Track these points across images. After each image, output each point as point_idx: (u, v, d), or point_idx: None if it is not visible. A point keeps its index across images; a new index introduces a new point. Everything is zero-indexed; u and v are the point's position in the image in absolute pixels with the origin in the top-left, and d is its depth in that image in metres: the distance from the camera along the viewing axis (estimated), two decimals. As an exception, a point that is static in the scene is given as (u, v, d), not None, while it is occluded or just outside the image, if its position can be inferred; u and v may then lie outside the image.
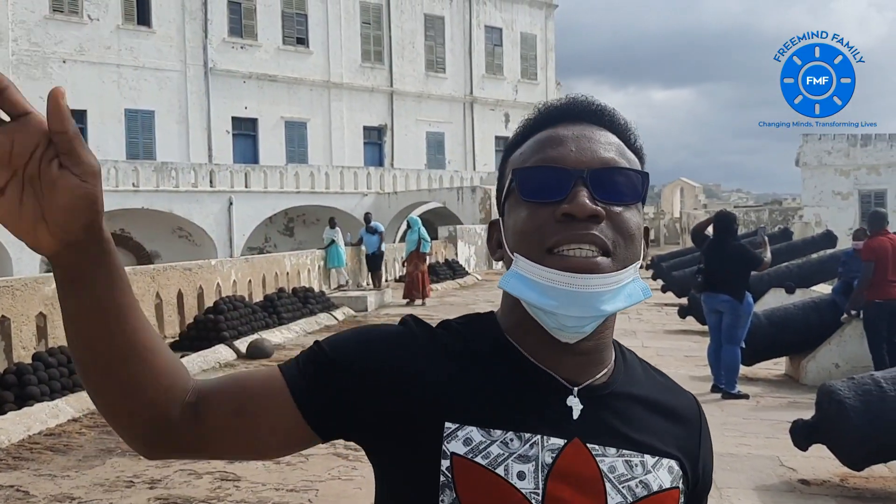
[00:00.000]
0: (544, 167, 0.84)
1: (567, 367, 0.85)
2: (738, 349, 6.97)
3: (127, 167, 22.86)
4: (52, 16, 24.51)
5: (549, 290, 0.80)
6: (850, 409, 4.58)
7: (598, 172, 0.83)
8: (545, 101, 0.94)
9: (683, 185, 44.23)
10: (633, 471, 0.84)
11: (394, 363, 0.84)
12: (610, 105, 0.92)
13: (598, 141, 0.86)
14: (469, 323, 0.91)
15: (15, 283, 7.91)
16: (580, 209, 0.80)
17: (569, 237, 0.80)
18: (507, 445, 0.80)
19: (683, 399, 0.95)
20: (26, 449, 5.59)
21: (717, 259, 6.99)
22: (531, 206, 0.83)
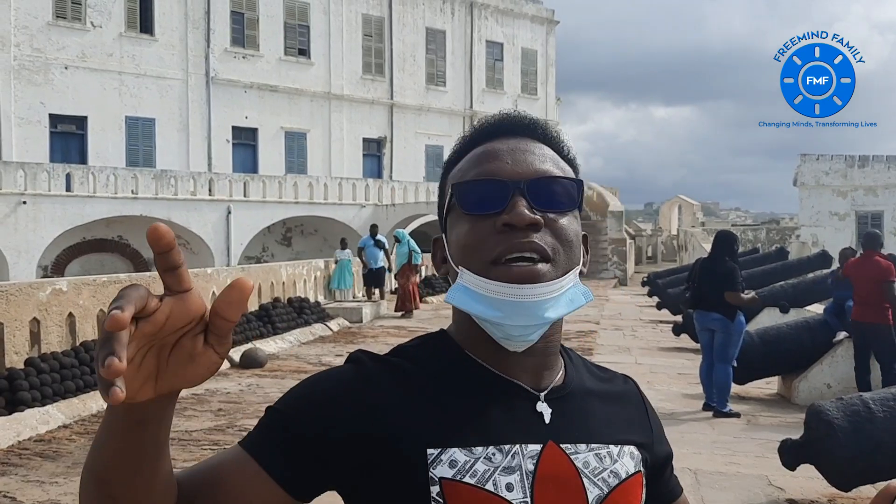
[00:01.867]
0: (483, 180, 0.86)
1: (527, 373, 0.88)
2: (730, 368, 6.98)
3: (126, 174, 22.89)
4: (54, 22, 24.61)
5: (495, 301, 0.82)
6: (839, 430, 4.58)
7: (535, 182, 0.85)
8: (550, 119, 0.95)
9: (682, 202, 44.32)
10: (603, 462, 0.87)
11: (355, 409, 0.83)
12: (541, 118, 0.95)
13: (534, 153, 0.89)
14: (424, 344, 0.92)
15: (10, 289, 7.90)
16: (519, 218, 0.82)
17: (510, 247, 0.82)
18: (491, 460, 0.82)
19: (624, 384, 1.00)
20: (15, 455, 5.57)
21: (710, 277, 7.00)
22: (472, 219, 0.86)
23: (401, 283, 15.04)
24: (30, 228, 20.64)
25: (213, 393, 7.78)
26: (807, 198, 30.79)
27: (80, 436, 6.09)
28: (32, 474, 5.16)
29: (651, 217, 63.16)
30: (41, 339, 8.03)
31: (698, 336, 7.36)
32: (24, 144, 23.97)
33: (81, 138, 25.51)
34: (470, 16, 34.80)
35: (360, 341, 11.62)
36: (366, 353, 0.90)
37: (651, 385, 8.21)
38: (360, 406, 0.83)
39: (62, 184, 21.43)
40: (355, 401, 0.83)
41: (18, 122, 23.99)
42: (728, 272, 6.95)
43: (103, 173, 22.35)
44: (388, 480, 0.82)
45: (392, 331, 12.84)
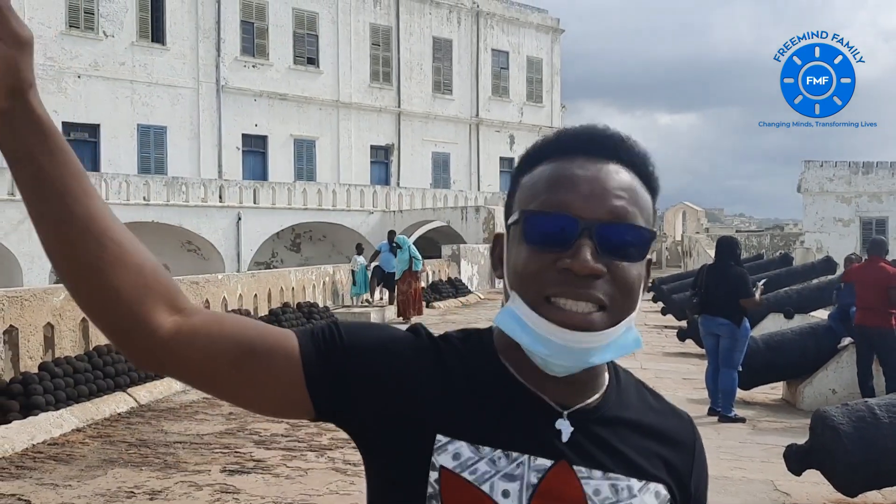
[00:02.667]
0: (552, 214, 0.82)
1: (557, 391, 0.85)
2: (735, 373, 7.01)
3: (138, 181, 23.09)
4: (67, 31, 24.88)
5: (541, 338, 0.80)
6: (844, 436, 4.61)
7: (606, 228, 0.81)
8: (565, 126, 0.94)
9: (686, 208, 44.21)
10: (619, 494, 0.83)
11: (401, 367, 0.85)
12: (630, 136, 0.89)
13: (612, 187, 0.83)
14: (467, 339, 0.91)
15: (24, 294, 8.01)
16: (580, 267, 0.79)
17: (567, 292, 0.80)
18: (495, 463, 0.81)
19: (677, 421, 0.94)
20: (29, 458, 5.64)
21: (716, 283, 7.03)
22: (533, 250, 0.82)
23: (402, 290, 15.07)
24: (42, 235, 20.81)
25: (223, 398, 7.85)
26: (811, 204, 30.72)
27: (94, 439, 6.17)
28: (46, 477, 5.23)
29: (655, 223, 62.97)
30: (55, 344, 8.13)
31: (703, 341, 7.39)
32: (36, 152, 24.17)
33: (94, 146, 25.73)
34: (476, 25, 34.95)
35: (368, 347, 11.69)
36: (424, 329, 0.91)
37: (656, 390, 8.24)
38: (406, 368, 0.85)
39: (74, 191, 21.60)
40: (404, 362, 0.85)
41: (31, 130, 24.20)
42: (738, 277, 6.98)
43: (115, 180, 22.55)
44: (394, 450, 0.83)
45: (400, 337, 12.91)
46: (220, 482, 5.07)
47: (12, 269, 20.34)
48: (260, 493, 4.90)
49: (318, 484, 5.02)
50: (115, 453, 5.77)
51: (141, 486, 5.02)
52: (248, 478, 5.17)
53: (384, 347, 0.86)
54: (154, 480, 5.12)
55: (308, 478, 5.15)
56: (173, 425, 6.65)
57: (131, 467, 5.42)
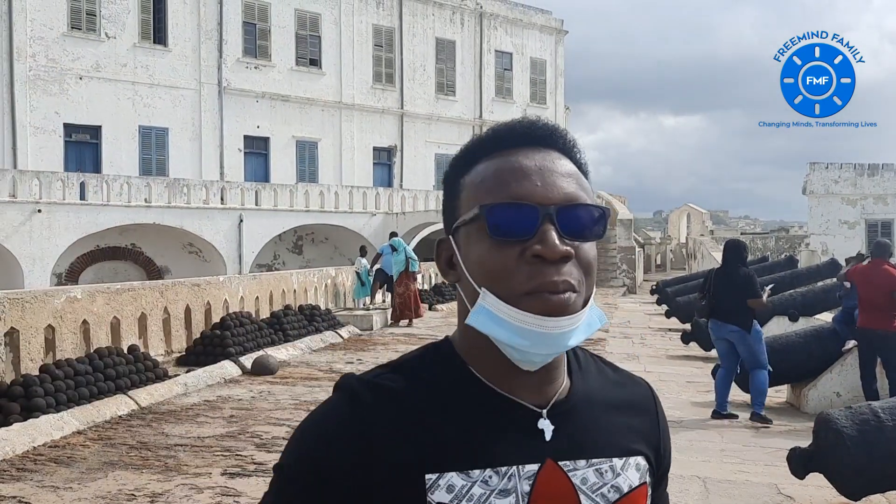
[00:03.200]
0: (513, 204, 0.83)
1: (530, 390, 0.86)
2: (765, 372, 6.99)
3: (140, 183, 23.09)
4: (69, 33, 24.91)
5: (521, 330, 0.81)
6: (848, 439, 4.59)
7: (565, 210, 0.83)
8: (500, 122, 0.93)
9: (690, 210, 44.19)
10: (604, 477, 0.86)
11: (350, 449, 0.82)
12: (562, 127, 0.92)
13: (560, 172, 0.86)
14: (424, 357, 0.90)
15: (25, 296, 8.02)
16: (552, 251, 0.80)
17: (544, 284, 0.81)
18: (487, 483, 0.81)
19: (637, 389, 0.97)
20: (30, 460, 5.64)
21: (725, 287, 6.99)
22: (497, 242, 0.82)
23: (399, 292, 14.94)
24: (44, 236, 20.85)
25: (225, 400, 7.85)
26: (816, 206, 30.68)
27: (95, 442, 6.16)
28: (47, 480, 5.22)
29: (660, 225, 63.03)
30: (56, 346, 8.13)
31: (715, 345, 7.35)
32: (38, 153, 24.24)
33: (95, 147, 25.76)
34: (479, 26, 34.96)
35: (370, 348, 11.68)
36: (357, 381, 0.87)
37: (660, 393, 8.14)
38: (355, 445, 0.82)
39: (76, 192, 21.65)
40: (349, 442, 0.82)
41: (33, 132, 24.27)
42: (746, 279, 6.97)
43: (117, 182, 22.56)
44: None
45: (402, 338, 12.89)
46: (221, 485, 5.06)
47: (13, 270, 20.36)
48: (260, 496, 4.87)
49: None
50: (116, 456, 5.75)
51: (142, 488, 5.01)
52: (249, 481, 5.15)
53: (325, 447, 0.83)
54: (155, 483, 5.10)
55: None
56: (174, 428, 6.63)
57: (132, 470, 5.40)
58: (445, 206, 0.92)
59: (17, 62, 23.89)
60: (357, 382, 0.86)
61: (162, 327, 10.39)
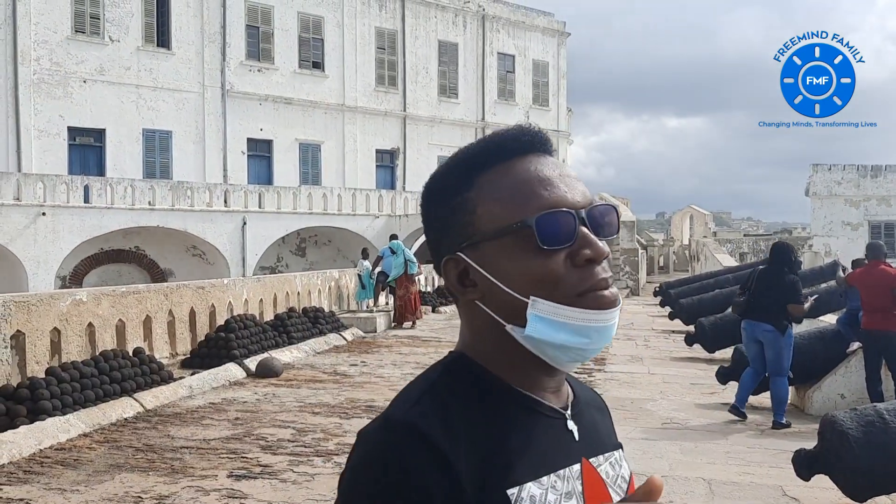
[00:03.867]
0: (557, 212, 0.84)
1: (552, 392, 0.89)
2: (785, 380, 6.98)
3: (143, 186, 23.15)
4: (73, 36, 24.99)
5: (582, 329, 0.84)
6: (853, 440, 4.59)
7: (590, 212, 0.86)
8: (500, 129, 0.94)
9: (693, 212, 44.15)
10: (615, 468, 0.92)
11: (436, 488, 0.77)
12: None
13: (573, 177, 0.89)
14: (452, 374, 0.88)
15: (30, 299, 8.05)
16: (598, 253, 0.84)
17: (598, 283, 0.84)
18: (556, 488, 0.83)
19: (593, 392, 1.04)
20: (37, 463, 5.66)
21: (766, 287, 6.96)
22: (544, 252, 0.84)
23: (399, 295, 14.96)
24: (49, 239, 20.91)
25: (230, 402, 7.86)
26: (819, 208, 30.64)
27: (101, 444, 6.18)
28: (54, 482, 5.24)
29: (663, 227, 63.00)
30: (61, 349, 8.16)
31: (745, 348, 7.22)
32: (43, 157, 24.32)
33: (99, 150, 25.84)
34: (482, 28, 35.00)
35: (374, 351, 11.70)
36: (413, 414, 0.82)
37: (664, 395, 8.23)
38: (438, 485, 0.78)
39: (80, 195, 21.71)
40: (431, 483, 0.77)
41: (38, 135, 24.34)
42: (791, 284, 6.95)
43: (121, 185, 22.62)
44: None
45: (406, 340, 12.90)
46: (227, 487, 5.07)
47: (18, 273, 20.41)
48: (267, 498, 4.89)
49: (325, 489, 5.01)
50: (122, 458, 5.77)
51: (148, 490, 5.02)
52: (255, 483, 5.17)
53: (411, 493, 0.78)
54: (161, 485, 5.12)
55: (315, 483, 5.15)
56: (180, 430, 6.65)
57: (138, 472, 5.42)
58: (443, 224, 0.90)
59: (22, 66, 23.97)
60: (411, 417, 0.81)
61: (167, 330, 10.42)
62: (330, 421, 6.98)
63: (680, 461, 5.82)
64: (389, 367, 10.17)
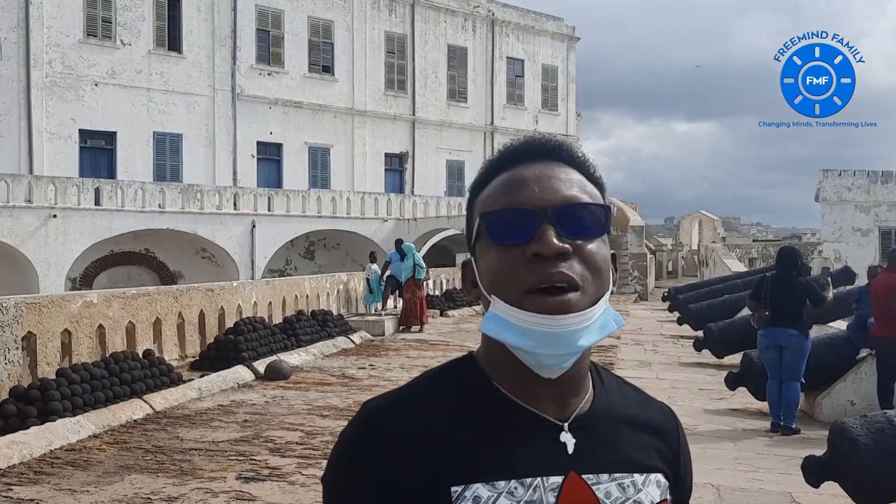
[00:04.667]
0: (510, 209, 0.86)
1: (552, 402, 0.87)
2: (799, 385, 6.96)
3: (154, 188, 23.27)
4: (85, 40, 25.16)
5: (528, 331, 0.82)
6: (863, 447, 4.57)
7: (562, 210, 0.85)
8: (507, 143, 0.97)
9: (702, 217, 44.02)
10: (626, 492, 0.87)
11: (375, 472, 0.84)
12: (566, 141, 0.96)
13: (560, 178, 0.88)
14: (446, 372, 0.92)
15: (41, 301, 8.10)
16: (547, 248, 0.83)
17: (541, 277, 0.83)
18: (513, 494, 0.82)
19: (659, 411, 0.99)
20: (47, 463, 5.69)
21: (784, 293, 6.93)
22: (501, 249, 0.86)
23: (405, 298, 14.98)
24: (59, 241, 21.03)
25: (238, 404, 7.89)
26: (829, 213, 30.47)
27: (111, 445, 6.22)
28: (64, 483, 5.27)
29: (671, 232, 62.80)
30: (72, 350, 8.21)
31: (763, 354, 7.12)
32: (54, 159, 24.48)
33: (110, 153, 25.99)
34: (491, 33, 35.03)
35: (382, 354, 11.71)
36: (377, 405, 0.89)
37: (672, 401, 8.21)
38: (378, 469, 0.84)
39: (91, 198, 21.83)
40: (372, 466, 0.84)
41: (49, 138, 24.51)
42: (807, 287, 6.96)
43: (131, 187, 22.73)
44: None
45: (414, 343, 12.91)
46: (236, 489, 5.09)
47: (29, 275, 20.54)
48: (275, 500, 4.91)
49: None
50: (132, 459, 5.80)
51: (157, 492, 5.05)
52: (264, 485, 5.19)
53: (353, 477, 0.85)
54: (170, 487, 5.14)
55: (323, 486, 5.16)
56: (189, 432, 6.68)
57: (147, 473, 5.45)
58: (468, 230, 0.95)
59: (34, 69, 24.15)
60: (376, 409, 0.88)
61: (176, 332, 10.46)
62: (338, 424, 6.99)
63: (688, 467, 5.80)
64: (398, 371, 10.18)
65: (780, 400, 7.00)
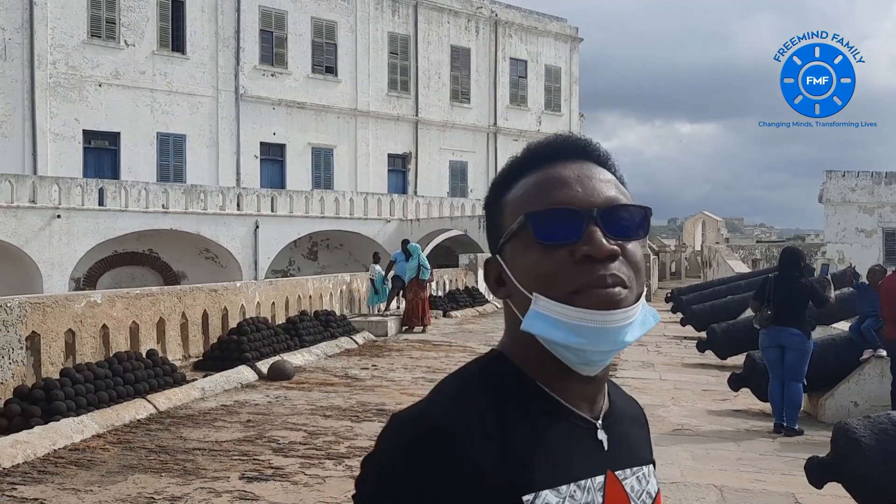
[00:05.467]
0: (558, 209, 0.85)
1: (586, 400, 0.89)
2: (801, 385, 6.95)
3: (157, 189, 23.32)
4: (89, 40, 25.23)
5: (578, 328, 0.82)
6: (866, 448, 4.56)
7: (608, 211, 0.85)
8: (535, 140, 0.96)
9: (705, 218, 43.96)
10: (642, 484, 0.92)
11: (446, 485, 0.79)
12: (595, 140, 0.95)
13: (599, 179, 0.89)
14: (486, 371, 0.89)
15: (45, 301, 8.12)
16: (599, 250, 0.82)
17: (593, 279, 0.82)
18: (574, 498, 0.83)
19: (634, 403, 1.03)
20: (51, 463, 5.71)
21: (787, 294, 6.94)
22: (546, 248, 0.85)
23: (408, 299, 14.96)
24: (63, 242, 21.09)
25: (242, 405, 7.90)
26: (832, 214, 30.41)
27: (114, 445, 6.23)
28: (68, 482, 5.29)
29: (675, 233, 62.76)
30: (76, 350, 8.23)
31: (765, 354, 7.12)
32: (58, 160, 24.55)
33: (114, 154, 26.05)
34: (494, 34, 35.05)
35: (385, 354, 11.72)
36: (440, 410, 0.84)
37: (676, 401, 8.20)
38: (449, 482, 0.79)
39: (95, 198, 21.89)
40: (442, 479, 0.79)
41: (53, 138, 24.58)
42: (809, 288, 6.97)
43: (135, 188, 22.79)
44: None
45: (417, 344, 12.92)
46: (239, 489, 5.10)
47: (33, 275, 20.60)
48: (278, 500, 4.92)
49: (336, 492, 5.03)
50: (136, 459, 5.82)
51: (161, 492, 5.06)
52: (267, 485, 5.20)
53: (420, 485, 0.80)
54: (173, 487, 5.15)
55: (326, 486, 5.17)
56: (192, 432, 6.69)
57: (151, 473, 5.46)
58: (490, 227, 0.94)
59: (38, 69, 24.22)
60: (437, 411, 0.84)
61: (180, 332, 10.48)
62: (341, 424, 7.00)
63: (691, 468, 5.80)
64: (400, 371, 10.18)
65: (783, 401, 6.98)
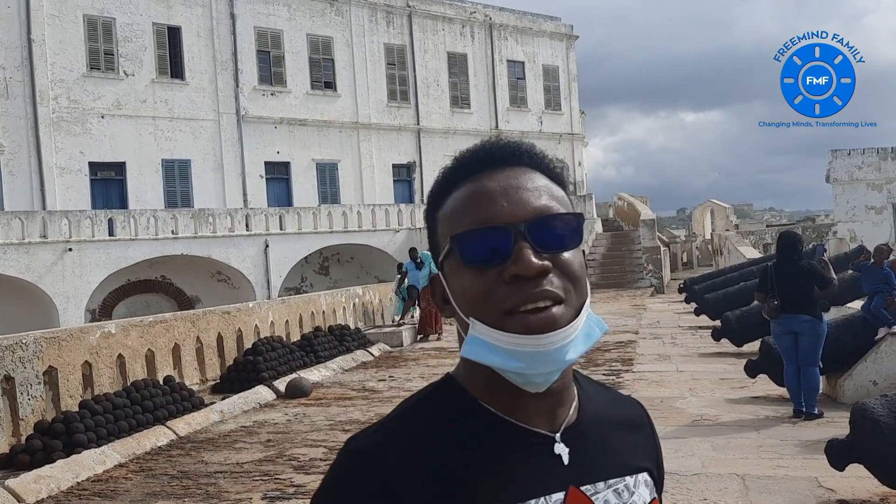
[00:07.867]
0: (482, 230, 0.81)
1: (542, 415, 0.85)
2: (817, 370, 6.90)
3: (166, 216, 23.47)
4: (89, 73, 25.47)
5: (514, 353, 0.79)
6: (885, 427, 4.54)
7: (536, 224, 0.81)
8: (462, 150, 0.92)
9: (714, 206, 43.76)
10: (622, 497, 0.86)
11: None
12: (525, 141, 0.90)
13: (527, 188, 0.84)
14: (430, 398, 0.88)
15: (61, 335, 8.19)
16: (527, 269, 0.79)
17: (523, 298, 0.79)
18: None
19: (631, 405, 0.98)
20: (75, 496, 5.75)
21: (790, 280, 6.88)
22: (476, 271, 0.81)
23: (421, 307, 15.03)
24: (76, 274, 21.25)
25: (261, 424, 7.94)
26: (841, 194, 30.21)
27: (136, 474, 6.27)
28: (93, 513, 5.33)
29: (684, 223, 62.50)
30: (93, 381, 8.29)
31: (778, 341, 7.06)
32: (66, 193, 24.77)
33: (121, 183, 26.25)
34: (490, 37, 35.11)
35: (401, 365, 11.73)
36: (369, 441, 0.84)
37: (694, 392, 8.17)
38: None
39: (105, 229, 22.06)
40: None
41: (60, 172, 24.81)
42: (810, 271, 6.90)
43: (144, 216, 22.95)
44: None
45: (433, 353, 12.93)
46: (262, 510, 5.12)
47: (49, 310, 20.76)
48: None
49: None
50: (158, 486, 5.85)
51: (184, 517, 5.09)
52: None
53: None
54: (197, 511, 5.18)
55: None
56: (213, 455, 6.73)
57: (174, 499, 5.49)
58: (430, 242, 0.92)
59: (41, 105, 24.47)
60: (366, 444, 0.83)
61: (195, 356, 10.54)
62: (360, 437, 7.01)
63: (712, 458, 5.77)
64: (418, 381, 10.19)
65: (800, 387, 6.93)
